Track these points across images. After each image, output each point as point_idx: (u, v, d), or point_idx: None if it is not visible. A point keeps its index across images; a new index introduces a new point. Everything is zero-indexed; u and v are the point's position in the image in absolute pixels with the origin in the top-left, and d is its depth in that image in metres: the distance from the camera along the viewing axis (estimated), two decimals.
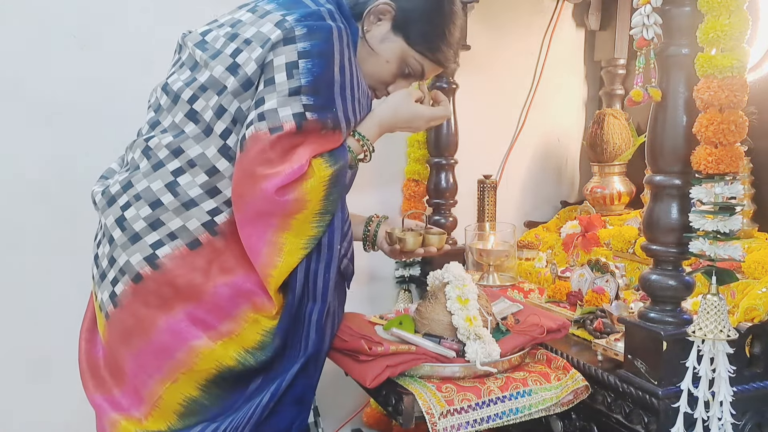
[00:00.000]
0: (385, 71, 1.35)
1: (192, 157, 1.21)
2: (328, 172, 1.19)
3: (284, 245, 1.18)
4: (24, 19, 1.73)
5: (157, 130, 1.26)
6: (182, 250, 1.19)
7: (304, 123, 1.16)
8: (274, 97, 1.16)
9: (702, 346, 1.14)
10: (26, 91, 1.75)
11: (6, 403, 1.81)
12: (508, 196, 2.35)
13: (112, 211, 1.25)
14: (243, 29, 1.22)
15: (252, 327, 1.21)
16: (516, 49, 2.32)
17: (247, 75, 1.18)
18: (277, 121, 1.15)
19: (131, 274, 1.20)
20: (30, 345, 1.82)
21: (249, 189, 1.16)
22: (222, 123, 1.20)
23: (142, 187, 1.22)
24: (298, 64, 1.16)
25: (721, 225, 1.13)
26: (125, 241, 1.22)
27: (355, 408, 2.19)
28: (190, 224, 1.20)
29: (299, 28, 1.17)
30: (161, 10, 1.86)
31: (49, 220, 1.80)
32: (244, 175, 1.17)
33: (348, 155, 1.25)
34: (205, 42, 1.26)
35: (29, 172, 1.78)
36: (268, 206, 1.16)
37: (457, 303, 1.30)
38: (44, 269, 1.81)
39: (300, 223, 1.18)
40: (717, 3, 1.10)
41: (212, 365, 1.19)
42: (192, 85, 1.23)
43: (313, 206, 1.18)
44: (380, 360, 1.24)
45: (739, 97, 1.12)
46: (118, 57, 1.82)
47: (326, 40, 1.18)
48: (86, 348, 1.32)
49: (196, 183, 1.20)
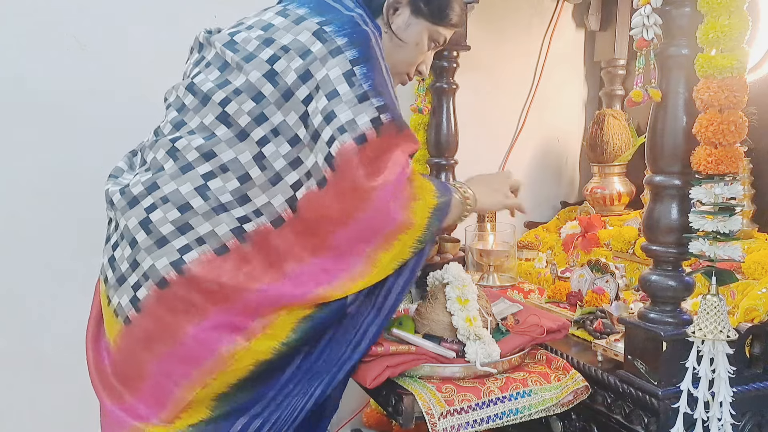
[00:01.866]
0: (416, 54, 1.39)
1: (224, 162, 1.18)
2: (434, 202, 1.22)
3: (379, 262, 1.19)
4: (24, 19, 1.73)
5: (183, 130, 1.23)
6: (209, 255, 1.16)
7: (381, 127, 1.17)
8: (345, 108, 1.15)
9: (702, 346, 1.14)
10: (26, 91, 1.75)
11: (6, 403, 1.81)
12: None
13: (135, 212, 1.20)
14: (278, 35, 1.21)
15: (285, 318, 1.18)
16: (516, 50, 2.32)
17: (287, 85, 1.17)
18: (358, 130, 1.15)
19: (156, 278, 1.17)
20: (30, 345, 1.82)
21: (358, 203, 1.16)
22: (261, 130, 1.19)
23: (169, 190, 1.19)
24: (354, 72, 1.17)
25: (720, 225, 1.13)
26: (150, 245, 1.18)
27: (355, 408, 2.19)
28: (219, 229, 1.17)
29: (340, 38, 1.17)
30: (161, 10, 1.86)
31: (49, 220, 1.80)
32: (347, 191, 1.16)
33: (451, 193, 1.28)
34: (234, 43, 1.24)
35: (29, 172, 1.78)
36: (380, 221, 1.17)
37: (456, 303, 1.30)
38: (44, 269, 1.81)
39: (401, 245, 1.19)
40: (717, 4, 1.10)
41: (249, 362, 1.17)
42: (225, 88, 1.21)
43: (416, 231, 1.20)
44: (380, 360, 1.24)
45: (738, 98, 1.12)
46: (118, 57, 1.82)
47: (368, 46, 1.19)
48: (94, 357, 1.28)
49: (227, 189, 1.18)
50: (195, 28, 1.88)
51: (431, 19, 1.35)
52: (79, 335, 1.60)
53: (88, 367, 1.28)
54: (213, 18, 1.89)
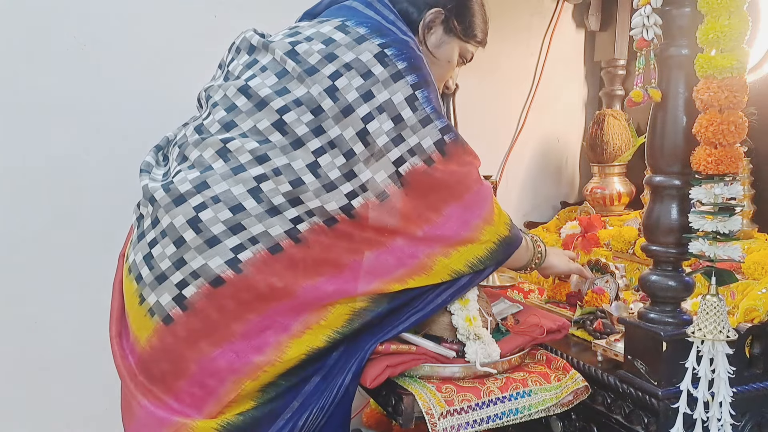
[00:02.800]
0: (447, 71, 1.48)
1: (278, 166, 1.20)
2: (505, 232, 1.32)
3: (435, 266, 1.26)
4: (24, 19, 1.73)
5: (234, 132, 1.24)
6: (263, 254, 1.17)
7: (445, 148, 1.25)
8: (411, 132, 1.23)
9: (702, 346, 1.14)
10: (26, 91, 1.75)
11: (6, 403, 1.81)
12: (508, 197, 2.35)
13: (182, 210, 1.19)
14: (340, 51, 1.23)
15: (339, 309, 1.21)
16: (516, 50, 2.32)
17: (347, 102, 1.20)
18: (425, 154, 1.24)
19: (209, 277, 1.17)
20: (30, 345, 1.82)
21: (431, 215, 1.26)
22: (317, 141, 1.21)
23: (220, 190, 1.19)
24: (416, 96, 1.23)
25: (720, 226, 1.13)
26: (201, 243, 1.18)
27: (355, 408, 2.19)
28: (272, 230, 1.19)
29: (400, 62, 1.23)
30: (161, 10, 1.86)
31: (49, 220, 1.80)
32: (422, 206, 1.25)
33: (523, 238, 1.38)
34: (296, 53, 1.25)
35: (29, 172, 1.77)
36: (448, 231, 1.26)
37: (456, 303, 1.30)
38: (44, 269, 1.81)
39: (460, 255, 1.27)
40: (717, 4, 1.10)
41: (303, 351, 1.19)
42: (284, 96, 1.22)
43: (476, 248, 1.29)
44: (380, 360, 1.24)
45: (738, 98, 1.12)
46: (119, 57, 1.82)
47: (425, 70, 1.26)
48: (120, 354, 1.27)
49: (279, 191, 1.19)
50: (195, 28, 1.89)
51: (462, 36, 1.42)
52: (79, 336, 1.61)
53: (117, 366, 1.27)
54: (213, 18, 1.89)
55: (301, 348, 1.19)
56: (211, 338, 1.18)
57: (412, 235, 1.25)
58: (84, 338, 1.82)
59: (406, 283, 1.24)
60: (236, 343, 1.18)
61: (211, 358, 1.18)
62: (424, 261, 1.25)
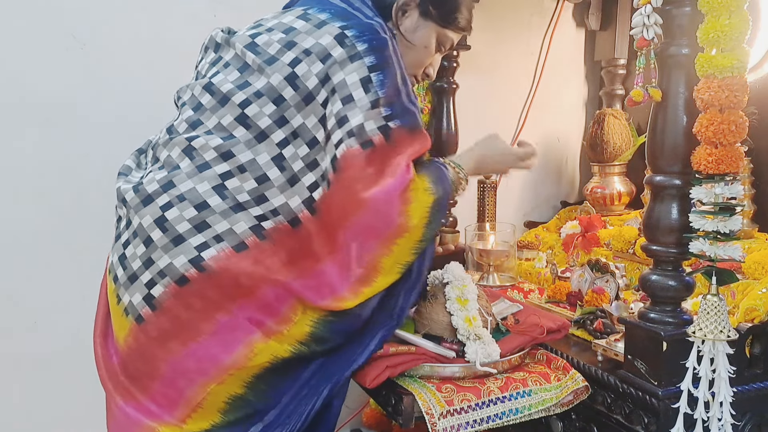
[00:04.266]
0: (424, 56, 1.40)
1: (243, 162, 1.19)
2: (430, 200, 1.22)
3: (382, 268, 1.19)
4: (24, 19, 1.73)
5: (200, 130, 1.24)
6: (228, 252, 1.17)
7: (390, 132, 1.19)
8: (358, 112, 1.17)
9: (702, 346, 1.14)
10: (26, 91, 1.75)
11: (6, 403, 1.81)
12: (508, 196, 2.35)
13: (149, 210, 1.20)
14: (299, 38, 1.21)
15: (302, 319, 1.19)
16: (516, 49, 2.32)
17: (308, 89, 1.19)
18: (366, 136, 1.17)
19: (174, 276, 1.17)
20: (30, 345, 1.82)
21: (354, 210, 1.17)
22: (281, 132, 1.20)
23: (186, 188, 1.20)
24: (371, 78, 1.18)
25: (721, 225, 1.13)
26: (167, 243, 1.18)
27: (355, 408, 2.19)
28: (237, 228, 1.18)
29: (360, 44, 1.19)
30: (161, 10, 1.86)
31: (49, 220, 1.80)
32: (345, 196, 1.17)
33: (449, 181, 1.29)
34: (256, 45, 1.24)
35: (29, 172, 1.78)
36: (376, 224, 1.18)
37: (456, 303, 1.30)
38: (44, 269, 1.81)
39: (401, 249, 1.20)
40: (717, 3, 1.10)
41: (267, 359, 1.18)
42: (245, 90, 1.21)
43: (415, 233, 1.20)
44: (380, 360, 1.24)
45: (739, 98, 1.12)
46: (118, 57, 1.82)
47: (387, 53, 1.21)
48: (102, 355, 1.28)
49: (244, 188, 1.19)
50: (194, 27, 1.88)
51: (440, 22, 1.36)
52: (79, 336, 1.60)
53: (97, 366, 1.28)
54: (213, 17, 1.89)
55: (266, 354, 1.18)
56: (180, 338, 1.18)
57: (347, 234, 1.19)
58: (84, 338, 1.81)
59: (361, 293, 1.19)
60: (205, 342, 1.17)
61: (180, 357, 1.17)
62: (370, 266, 1.19)
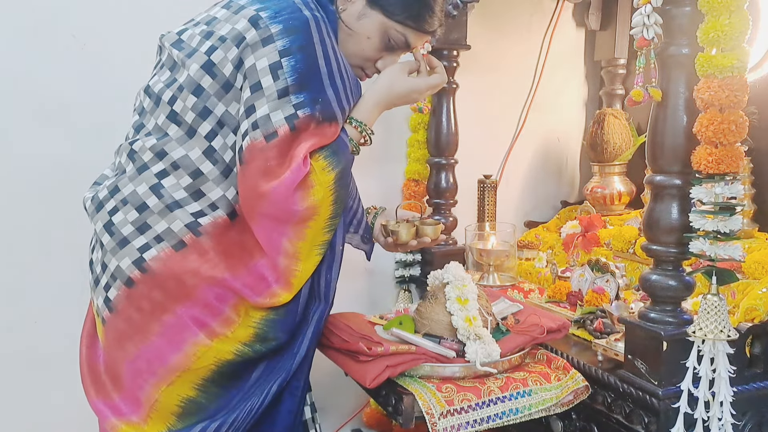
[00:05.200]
0: (367, 48, 1.30)
1: (175, 159, 1.20)
2: (331, 177, 1.18)
3: (300, 253, 1.19)
4: (24, 18, 1.73)
5: (142, 133, 1.27)
6: (168, 252, 1.19)
7: (296, 122, 1.14)
8: (264, 102, 1.14)
9: (702, 346, 1.14)
10: (26, 90, 1.75)
11: (6, 403, 1.81)
12: (508, 196, 2.35)
13: (101, 216, 1.25)
14: (218, 26, 1.21)
15: (245, 321, 1.21)
16: (516, 49, 2.32)
17: (225, 76, 1.17)
18: (271, 127, 1.13)
19: (123, 278, 1.20)
20: (29, 345, 1.82)
21: (257, 202, 1.15)
22: (207, 124, 1.19)
23: (128, 191, 1.22)
24: (282, 64, 1.13)
25: (721, 225, 1.13)
26: (114, 246, 1.22)
27: (355, 408, 2.19)
28: (174, 226, 1.19)
29: (274, 25, 1.14)
30: (161, 9, 1.85)
31: (48, 220, 1.80)
32: (248, 189, 1.16)
33: (349, 149, 1.24)
34: (181, 41, 1.25)
35: (28, 172, 1.77)
36: (280, 215, 1.16)
37: (456, 303, 1.30)
38: (43, 269, 1.81)
39: (314, 232, 1.19)
40: (717, 3, 1.10)
41: (211, 362, 1.19)
42: (171, 87, 1.22)
43: (324, 212, 1.19)
44: (380, 360, 1.24)
45: (739, 97, 1.12)
46: (118, 57, 1.82)
47: (305, 33, 1.15)
48: (87, 353, 1.31)
49: (180, 186, 1.20)
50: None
51: (387, 13, 1.26)
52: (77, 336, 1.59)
53: (80, 363, 1.32)
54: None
55: (209, 357, 1.19)
56: (134, 339, 1.21)
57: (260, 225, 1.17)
58: None
59: (292, 285, 1.20)
60: (153, 344, 1.20)
61: (134, 358, 1.21)
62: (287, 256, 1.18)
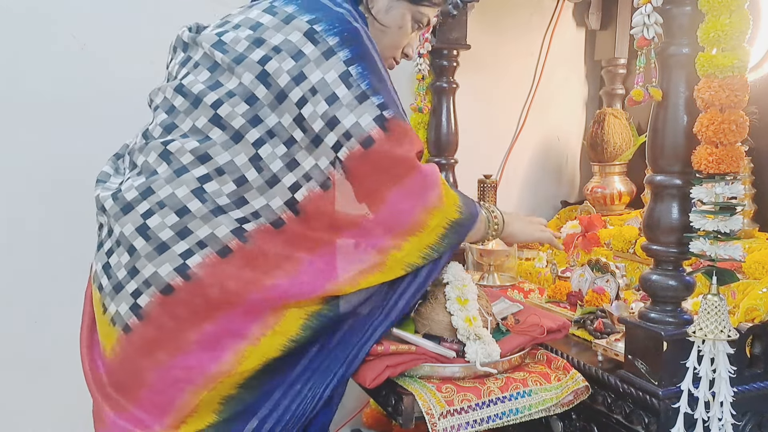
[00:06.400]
0: (400, 37, 1.37)
1: (220, 165, 1.17)
2: (455, 216, 1.24)
3: (388, 261, 1.20)
4: (23, 18, 1.73)
5: (175, 133, 1.21)
6: (213, 258, 1.15)
7: (386, 123, 1.17)
8: (347, 111, 1.16)
9: (702, 346, 1.14)
10: (25, 90, 1.75)
11: (5, 403, 1.81)
12: (508, 196, 2.35)
13: (131, 218, 1.18)
14: (268, 34, 1.19)
15: (292, 314, 1.18)
16: (516, 49, 2.32)
17: (280, 87, 1.16)
18: (364, 133, 1.16)
19: (159, 285, 1.15)
20: (29, 345, 1.82)
21: (372, 204, 1.19)
22: (256, 132, 1.17)
23: (165, 194, 1.17)
24: (350, 72, 1.16)
25: (721, 225, 1.13)
26: (151, 251, 1.16)
27: (355, 408, 2.19)
28: (218, 231, 1.16)
29: (331, 38, 1.17)
30: (161, 9, 1.86)
31: (48, 220, 1.80)
32: (362, 193, 1.19)
33: (478, 214, 1.30)
34: (223, 43, 1.22)
35: (28, 172, 1.77)
36: (394, 221, 1.19)
37: (456, 303, 1.30)
38: (43, 269, 1.81)
39: (411, 246, 1.21)
40: (718, 2, 1.10)
41: (257, 362, 1.16)
42: (217, 90, 1.19)
43: (428, 237, 1.21)
44: (380, 360, 1.24)
45: (739, 97, 1.12)
46: (118, 57, 1.82)
47: (361, 43, 1.19)
48: (89, 366, 1.26)
49: (223, 192, 1.17)
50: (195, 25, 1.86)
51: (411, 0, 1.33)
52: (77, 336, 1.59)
53: (86, 377, 1.26)
54: (213, 17, 1.88)
55: (257, 358, 1.16)
56: (168, 348, 1.16)
57: (358, 228, 1.19)
58: None
59: (358, 283, 1.19)
60: (192, 352, 1.16)
61: (168, 367, 1.16)
62: (376, 258, 1.20)
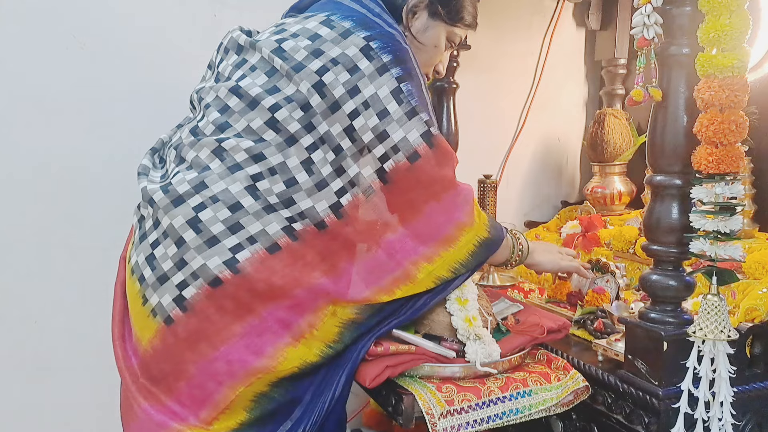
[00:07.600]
0: (435, 55, 1.45)
1: (273, 165, 1.21)
2: (485, 235, 1.31)
3: (420, 273, 1.26)
4: (24, 19, 1.73)
5: (229, 132, 1.25)
6: (261, 254, 1.18)
7: (433, 139, 1.26)
8: (397, 126, 1.23)
9: (702, 346, 1.14)
10: (26, 91, 1.75)
11: (5, 403, 1.81)
12: (508, 196, 2.35)
13: (181, 211, 1.20)
14: (326, 46, 1.24)
15: (330, 320, 1.22)
16: (516, 49, 2.32)
17: (334, 98, 1.22)
18: (410, 148, 1.24)
19: (208, 278, 1.17)
20: (29, 345, 1.82)
21: (411, 215, 1.26)
22: (310, 137, 1.22)
23: (218, 189, 1.20)
24: (402, 89, 1.23)
25: (721, 225, 1.13)
26: (200, 244, 1.18)
27: (355, 408, 2.19)
28: (269, 228, 1.19)
29: (385, 55, 1.23)
30: (161, 9, 1.86)
31: (48, 220, 1.80)
32: (402, 203, 1.26)
33: (504, 238, 1.37)
34: (283, 50, 1.26)
35: (28, 172, 1.77)
36: (429, 231, 1.26)
37: (456, 303, 1.30)
38: (44, 269, 1.81)
39: (443, 261, 1.27)
40: (718, 3, 1.10)
41: (296, 364, 1.19)
42: (275, 95, 1.23)
43: (458, 252, 1.28)
44: (380, 360, 1.24)
45: (739, 97, 1.12)
46: (118, 57, 1.82)
47: (410, 62, 1.26)
48: (123, 356, 1.26)
49: (273, 191, 1.21)
50: (195, 27, 1.88)
51: (448, 20, 1.40)
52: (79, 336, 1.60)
53: (119, 368, 1.27)
54: (213, 17, 1.89)
55: (295, 360, 1.19)
56: (211, 340, 1.18)
57: (394, 236, 1.26)
58: (84, 338, 1.82)
59: (394, 293, 1.25)
60: (235, 345, 1.18)
61: (210, 359, 1.18)
62: (409, 269, 1.26)
